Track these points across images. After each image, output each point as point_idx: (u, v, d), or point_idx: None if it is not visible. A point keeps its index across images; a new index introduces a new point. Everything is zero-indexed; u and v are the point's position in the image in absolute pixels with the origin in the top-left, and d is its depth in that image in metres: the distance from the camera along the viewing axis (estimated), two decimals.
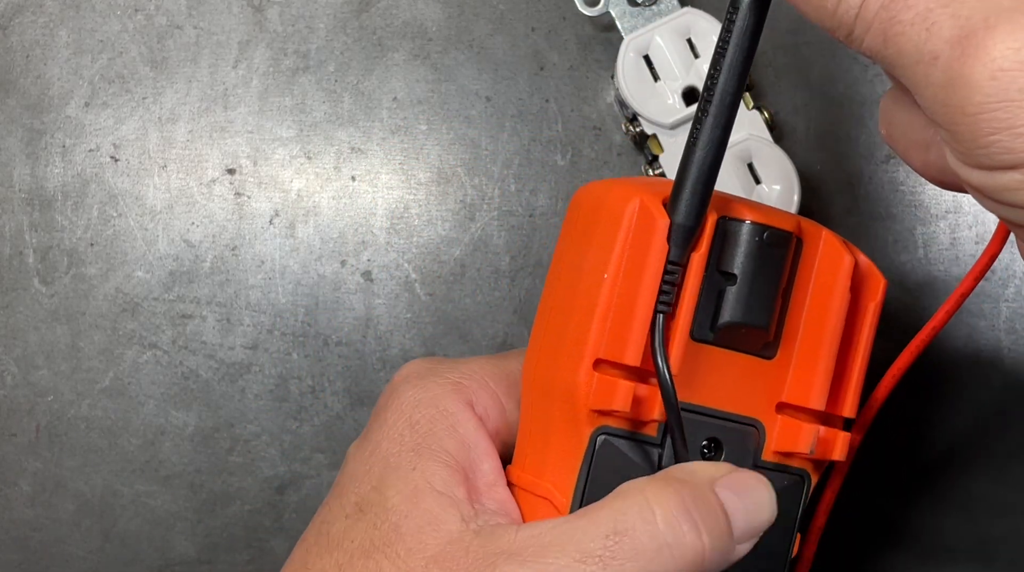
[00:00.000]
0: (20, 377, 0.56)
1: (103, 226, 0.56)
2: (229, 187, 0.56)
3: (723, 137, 0.38)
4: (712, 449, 0.41)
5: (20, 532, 0.56)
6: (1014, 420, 0.56)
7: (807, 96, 0.56)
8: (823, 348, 0.41)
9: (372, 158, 0.56)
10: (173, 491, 0.56)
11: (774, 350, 0.41)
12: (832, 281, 0.41)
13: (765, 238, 0.40)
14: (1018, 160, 0.30)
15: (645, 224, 0.39)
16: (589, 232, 0.41)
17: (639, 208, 0.39)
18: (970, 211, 0.56)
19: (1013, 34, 0.30)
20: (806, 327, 0.41)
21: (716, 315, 0.40)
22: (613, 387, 0.39)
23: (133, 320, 0.56)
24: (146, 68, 0.56)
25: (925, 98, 0.32)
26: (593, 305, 0.39)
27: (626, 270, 0.39)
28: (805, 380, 0.41)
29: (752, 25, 0.37)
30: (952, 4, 0.31)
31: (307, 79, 0.56)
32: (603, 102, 0.56)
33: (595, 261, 0.40)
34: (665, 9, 0.52)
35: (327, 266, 0.56)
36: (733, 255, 0.40)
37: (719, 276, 0.40)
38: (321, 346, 0.56)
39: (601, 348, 0.39)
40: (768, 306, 0.40)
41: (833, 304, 0.41)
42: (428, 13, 0.56)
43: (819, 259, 0.41)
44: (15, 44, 0.56)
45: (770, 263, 0.40)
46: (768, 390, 0.41)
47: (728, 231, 0.40)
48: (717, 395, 0.41)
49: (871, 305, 0.43)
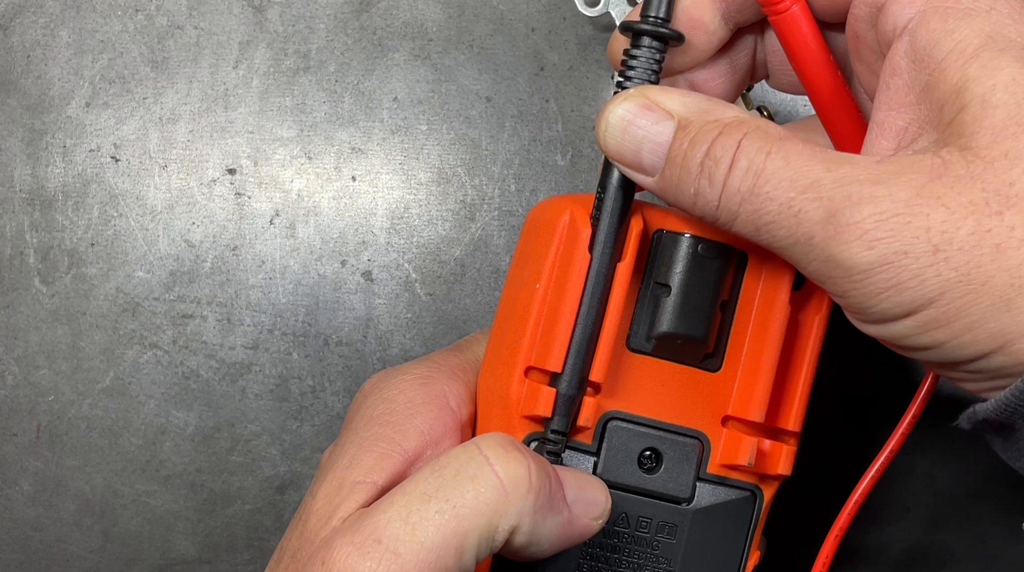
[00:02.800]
0: (21, 377, 0.56)
1: (104, 226, 0.56)
2: (230, 187, 0.56)
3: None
4: (651, 460, 0.41)
5: (21, 532, 0.56)
6: None
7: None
8: (763, 361, 0.41)
9: (372, 158, 0.56)
10: (174, 491, 0.56)
11: (719, 363, 0.41)
12: (774, 294, 0.41)
13: (700, 250, 0.40)
14: (906, 310, 0.33)
15: (572, 237, 0.40)
16: (530, 246, 0.42)
17: (568, 221, 0.40)
18: None
19: (876, 205, 0.33)
20: (751, 340, 0.41)
21: (653, 326, 0.41)
22: (536, 392, 0.39)
23: (134, 320, 0.56)
24: (147, 68, 0.56)
25: (810, 272, 0.35)
26: (527, 315, 0.40)
27: (556, 280, 0.40)
28: (747, 393, 0.41)
29: (620, 207, 0.39)
30: (810, 189, 0.33)
31: (307, 79, 0.56)
32: (603, 102, 0.56)
33: (532, 273, 0.41)
34: None
35: (327, 266, 0.56)
36: (669, 267, 0.40)
37: (657, 287, 0.41)
38: (321, 346, 0.56)
39: (532, 356, 0.40)
40: (704, 317, 0.40)
41: (774, 317, 0.41)
42: (428, 13, 0.56)
43: (765, 272, 0.41)
44: (16, 44, 0.56)
45: (706, 275, 0.40)
46: (714, 403, 0.41)
47: (665, 243, 0.41)
48: (659, 406, 0.41)
49: (816, 318, 0.42)
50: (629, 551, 0.41)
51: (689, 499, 0.41)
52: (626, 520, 0.41)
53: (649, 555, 0.41)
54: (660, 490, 0.41)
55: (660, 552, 0.41)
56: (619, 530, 0.41)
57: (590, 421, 0.40)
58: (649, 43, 0.39)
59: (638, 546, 0.41)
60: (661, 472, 0.41)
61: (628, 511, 0.41)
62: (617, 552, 0.41)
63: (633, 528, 0.41)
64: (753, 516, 0.42)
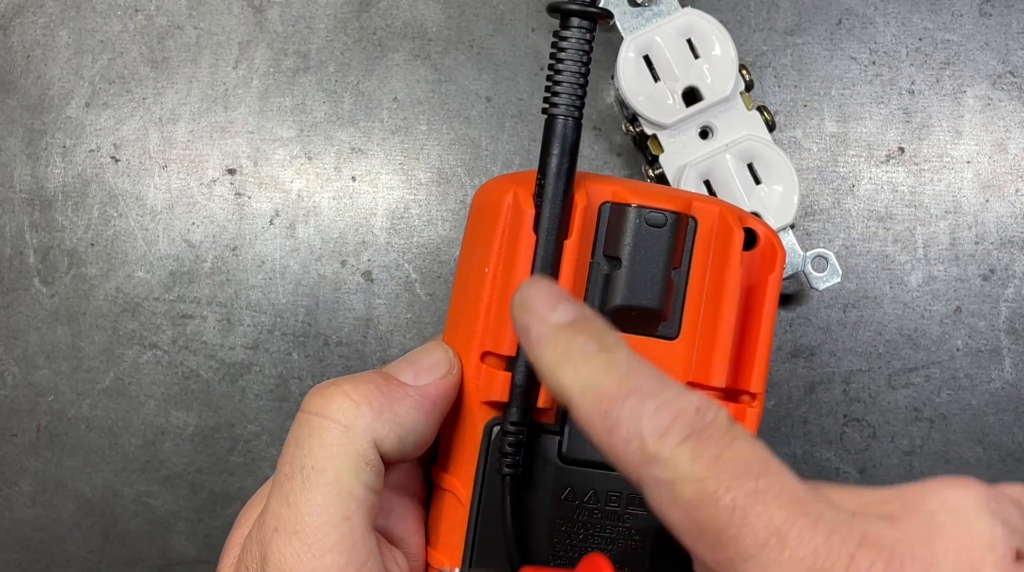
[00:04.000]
0: (21, 377, 0.56)
1: (104, 226, 0.56)
2: (229, 187, 0.56)
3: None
4: None
5: (21, 532, 0.56)
6: (1014, 419, 0.56)
7: (807, 96, 0.56)
8: (720, 324, 0.41)
9: (372, 158, 0.56)
10: (174, 491, 0.56)
11: (676, 330, 0.41)
12: (724, 257, 0.41)
13: (648, 219, 0.40)
14: None
15: (516, 217, 0.40)
16: (477, 229, 0.42)
17: (512, 202, 0.40)
18: (970, 211, 0.56)
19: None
20: (706, 305, 0.41)
21: (606, 300, 0.41)
22: (492, 378, 0.40)
23: (134, 320, 0.56)
24: (147, 68, 0.56)
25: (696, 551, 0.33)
26: (479, 299, 0.40)
27: (504, 263, 0.40)
28: (707, 358, 0.41)
29: (563, 184, 0.39)
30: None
31: (307, 79, 0.56)
32: (603, 102, 0.56)
33: (481, 256, 0.41)
34: (665, 9, 0.52)
35: (327, 266, 0.56)
36: (618, 239, 0.40)
37: (606, 261, 0.41)
38: (321, 346, 0.56)
39: (486, 341, 0.40)
40: (657, 287, 0.40)
41: (727, 280, 0.41)
42: (428, 13, 0.56)
43: (715, 236, 0.41)
44: (16, 44, 0.56)
45: (655, 244, 0.40)
46: (675, 371, 0.41)
47: (612, 216, 0.41)
48: None
49: (770, 277, 0.42)
50: (600, 526, 0.41)
51: None
52: (595, 496, 0.41)
53: (621, 528, 0.41)
54: None
55: (631, 525, 0.41)
56: (589, 506, 0.41)
57: (549, 401, 0.40)
58: (579, 23, 0.39)
59: (609, 520, 0.41)
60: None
61: (597, 487, 0.41)
62: (587, 528, 0.41)
63: (603, 503, 0.41)
64: None
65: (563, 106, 0.39)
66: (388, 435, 0.39)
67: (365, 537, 0.38)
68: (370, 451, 0.38)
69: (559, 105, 0.39)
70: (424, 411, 0.40)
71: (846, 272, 0.56)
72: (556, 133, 0.39)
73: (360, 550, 0.38)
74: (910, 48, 0.56)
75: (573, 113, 0.39)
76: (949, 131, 0.56)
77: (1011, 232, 0.56)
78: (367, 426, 0.38)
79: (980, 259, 0.56)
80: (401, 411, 0.39)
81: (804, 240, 0.56)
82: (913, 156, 0.56)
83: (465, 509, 0.40)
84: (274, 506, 0.38)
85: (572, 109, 0.39)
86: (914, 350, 0.56)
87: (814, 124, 0.56)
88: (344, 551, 0.37)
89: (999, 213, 0.56)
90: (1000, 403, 0.56)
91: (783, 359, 0.56)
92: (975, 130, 0.56)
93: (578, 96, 0.39)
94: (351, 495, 0.38)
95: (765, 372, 0.42)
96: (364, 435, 0.38)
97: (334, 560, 0.37)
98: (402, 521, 0.42)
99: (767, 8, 0.56)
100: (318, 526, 0.37)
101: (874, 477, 0.56)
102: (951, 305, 0.56)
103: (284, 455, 0.39)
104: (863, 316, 0.56)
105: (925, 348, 0.56)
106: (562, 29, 0.39)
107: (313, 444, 0.38)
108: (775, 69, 0.56)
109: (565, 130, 0.39)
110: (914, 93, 0.56)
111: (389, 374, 0.40)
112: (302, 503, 0.38)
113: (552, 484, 0.40)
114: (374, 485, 0.38)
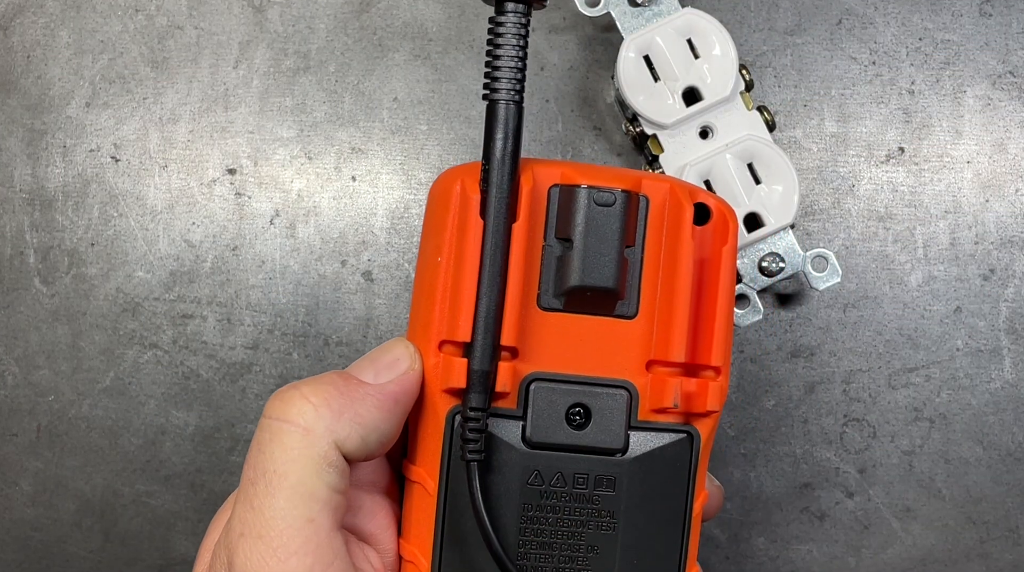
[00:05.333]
0: (21, 377, 0.56)
1: (104, 226, 0.56)
2: (230, 187, 0.56)
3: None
4: (580, 416, 0.41)
5: (21, 532, 0.56)
6: (1014, 419, 0.56)
7: (807, 96, 0.56)
8: (676, 301, 0.41)
9: (372, 158, 0.56)
10: (174, 491, 0.56)
11: (634, 309, 0.41)
12: (677, 232, 0.41)
13: (597, 199, 0.40)
14: None
15: (464, 205, 0.40)
16: (430, 220, 0.42)
17: (460, 190, 0.40)
18: (969, 211, 0.56)
19: None
20: (663, 282, 0.41)
21: (561, 282, 0.41)
22: (449, 365, 0.40)
23: (134, 320, 0.56)
24: (147, 68, 0.56)
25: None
26: (434, 288, 0.40)
27: (455, 251, 0.40)
28: (666, 335, 0.41)
29: (508, 169, 0.39)
30: None
31: (308, 79, 0.56)
32: (603, 102, 0.56)
33: (434, 246, 0.41)
34: (665, 9, 0.52)
35: (327, 266, 0.56)
36: (568, 220, 0.40)
37: (559, 244, 0.41)
38: (322, 346, 0.56)
39: (443, 329, 0.40)
40: (610, 266, 0.40)
41: (680, 255, 0.41)
42: (428, 13, 0.56)
43: (667, 212, 0.41)
44: (16, 44, 0.56)
45: (606, 223, 0.40)
46: (636, 350, 0.41)
47: (562, 197, 0.41)
48: (580, 361, 0.41)
49: (723, 249, 0.42)
50: (569, 509, 0.41)
51: (623, 449, 0.41)
52: (562, 479, 0.41)
53: (591, 510, 0.41)
54: (593, 444, 0.41)
55: (601, 506, 0.41)
56: (556, 489, 0.41)
57: (508, 386, 0.40)
58: (513, 8, 0.39)
59: (577, 503, 0.41)
60: (591, 426, 0.41)
61: (563, 470, 0.41)
62: (556, 512, 0.41)
63: (570, 486, 0.41)
64: (692, 456, 0.41)
65: (503, 91, 0.39)
66: (350, 435, 0.39)
67: (331, 538, 0.38)
68: (332, 452, 0.39)
69: (499, 90, 0.39)
70: (386, 409, 0.40)
71: (846, 272, 0.56)
72: (498, 118, 0.39)
73: (326, 551, 0.38)
74: (910, 48, 0.56)
75: (514, 97, 0.39)
76: (949, 131, 0.56)
77: (1011, 232, 0.56)
78: (327, 428, 0.39)
79: (980, 259, 0.56)
80: (362, 411, 0.39)
81: (804, 240, 0.56)
82: (913, 156, 0.56)
83: (433, 499, 0.40)
84: (239, 511, 0.38)
85: (512, 93, 0.39)
86: (914, 350, 0.56)
87: (814, 124, 0.56)
88: (309, 553, 0.38)
89: (999, 213, 0.56)
90: (1000, 403, 0.56)
91: (783, 359, 0.56)
92: (975, 130, 0.56)
93: (518, 80, 0.39)
94: (314, 497, 0.38)
95: (726, 345, 0.42)
96: (325, 437, 0.39)
97: (300, 562, 0.37)
98: (372, 518, 0.42)
99: (767, 8, 0.56)
100: (282, 529, 0.38)
101: (874, 477, 0.56)
102: (951, 305, 0.56)
103: (248, 461, 0.39)
104: (863, 316, 0.56)
105: (925, 348, 0.56)
106: (497, 15, 0.39)
107: (275, 448, 0.38)
108: (775, 69, 0.56)
109: (507, 115, 0.39)
110: (914, 93, 0.56)
111: (349, 374, 0.40)
112: (266, 507, 0.38)
113: (518, 469, 0.40)
114: (338, 485, 0.39)
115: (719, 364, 0.42)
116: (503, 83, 0.39)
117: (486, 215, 0.39)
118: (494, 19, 0.40)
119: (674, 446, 0.41)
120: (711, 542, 0.56)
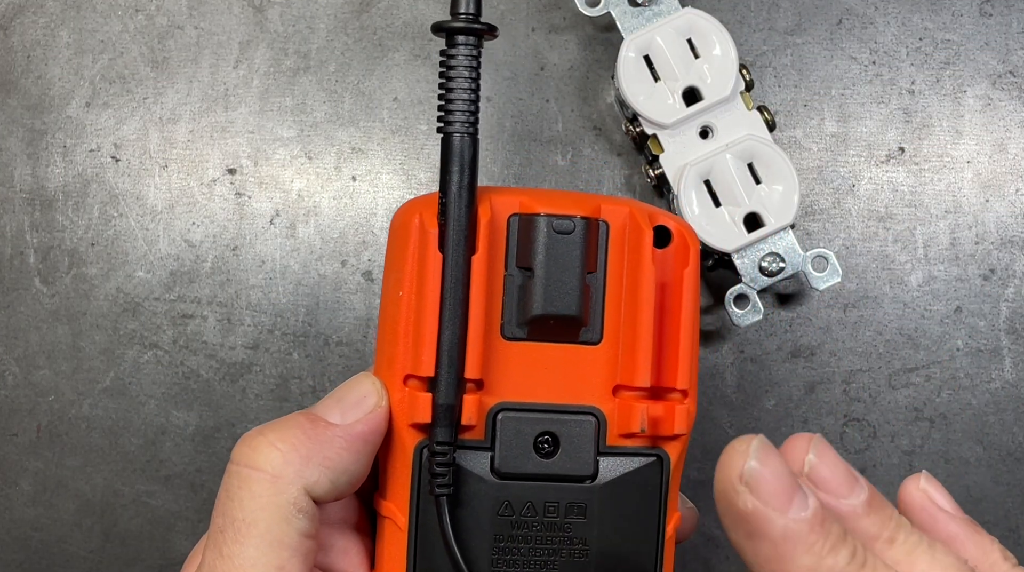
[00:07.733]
0: (21, 377, 0.56)
1: (104, 226, 0.56)
2: (230, 187, 0.56)
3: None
4: (548, 444, 0.41)
5: (21, 532, 0.56)
6: (1014, 419, 0.56)
7: (807, 96, 0.56)
8: (640, 325, 0.41)
9: (373, 158, 0.56)
10: (174, 491, 0.56)
11: (598, 335, 0.41)
12: (637, 257, 0.41)
13: (555, 227, 0.40)
14: None
15: (422, 239, 0.40)
16: (391, 255, 0.42)
17: (418, 224, 0.40)
18: (970, 211, 0.56)
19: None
20: (626, 306, 0.41)
21: (524, 311, 0.41)
22: (414, 400, 0.40)
23: (134, 320, 0.56)
24: (147, 68, 0.56)
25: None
26: (396, 323, 0.40)
27: (416, 284, 0.40)
28: (630, 360, 0.41)
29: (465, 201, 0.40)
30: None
31: (308, 79, 0.56)
32: (603, 102, 0.56)
33: (395, 281, 0.41)
34: (665, 9, 0.52)
35: (328, 266, 0.56)
36: (528, 249, 0.41)
37: (520, 273, 0.41)
38: (322, 346, 0.56)
39: (407, 364, 0.40)
40: (572, 293, 0.40)
41: (641, 279, 0.41)
42: (428, 13, 0.56)
43: (627, 237, 0.41)
44: (16, 44, 0.56)
45: (567, 250, 0.40)
46: (602, 376, 0.41)
47: (521, 227, 0.41)
48: (546, 390, 0.41)
49: (684, 272, 0.42)
50: (541, 538, 0.41)
51: (593, 475, 0.41)
52: (532, 508, 0.41)
53: (563, 538, 0.41)
54: (562, 472, 0.41)
55: (573, 533, 0.41)
56: (527, 519, 0.41)
57: (474, 418, 0.40)
58: (464, 40, 0.39)
59: (549, 532, 0.41)
60: (560, 454, 0.41)
61: (533, 499, 0.41)
62: (528, 542, 0.41)
63: (542, 515, 0.41)
64: (663, 480, 0.41)
65: (457, 123, 0.39)
66: (319, 480, 0.39)
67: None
68: (301, 498, 0.38)
69: (453, 123, 0.39)
70: (354, 450, 0.40)
71: (846, 272, 0.56)
72: (453, 151, 0.39)
73: None
74: (910, 48, 0.56)
75: (468, 129, 0.39)
76: (949, 131, 0.56)
77: (1011, 232, 0.56)
78: (296, 473, 0.38)
79: (980, 259, 0.56)
80: (331, 453, 0.39)
81: (804, 240, 0.56)
82: (913, 156, 0.56)
83: (404, 534, 0.40)
84: (209, 558, 0.38)
85: (467, 125, 0.39)
86: (914, 350, 0.56)
87: (814, 124, 0.56)
88: None
89: (999, 213, 0.56)
90: (1000, 403, 0.56)
91: (783, 359, 0.56)
92: (975, 130, 0.56)
93: (471, 112, 0.39)
94: (283, 544, 0.38)
95: (691, 367, 0.42)
96: (294, 483, 0.38)
97: None
98: (344, 555, 0.42)
99: (767, 8, 0.56)
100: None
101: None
102: (951, 305, 0.56)
103: (216, 507, 0.39)
104: (863, 316, 0.56)
105: (925, 348, 0.56)
106: (448, 47, 0.39)
107: (243, 496, 0.38)
108: (775, 69, 0.56)
109: (462, 147, 0.39)
110: (914, 93, 0.56)
111: (316, 416, 0.40)
112: (235, 555, 0.38)
113: (488, 501, 0.40)
114: (308, 531, 0.38)
115: (685, 386, 0.42)
116: (457, 115, 0.39)
117: (445, 249, 0.39)
118: (445, 51, 0.40)
119: (644, 470, 0.41)
120: (711, 542, 0.56)
